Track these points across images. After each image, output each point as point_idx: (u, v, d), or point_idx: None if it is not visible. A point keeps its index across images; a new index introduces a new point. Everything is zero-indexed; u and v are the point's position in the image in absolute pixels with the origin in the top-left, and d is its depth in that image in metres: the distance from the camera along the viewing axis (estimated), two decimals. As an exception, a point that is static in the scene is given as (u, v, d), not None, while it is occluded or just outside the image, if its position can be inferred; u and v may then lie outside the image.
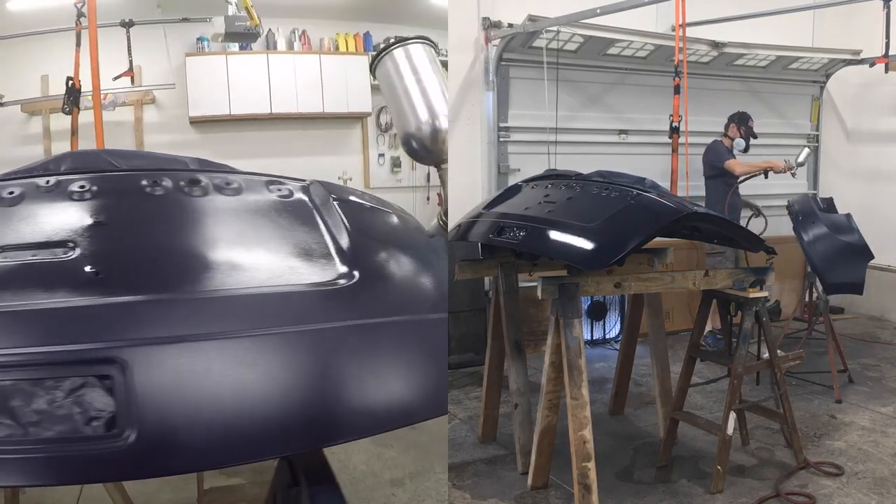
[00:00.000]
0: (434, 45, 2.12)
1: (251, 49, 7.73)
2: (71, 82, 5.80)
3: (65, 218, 1.68)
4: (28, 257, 1.51)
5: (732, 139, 5.68)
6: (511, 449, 3.70)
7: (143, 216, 1.74)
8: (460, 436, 4.07)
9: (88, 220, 1.66)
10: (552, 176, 3.76)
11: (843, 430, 4.05)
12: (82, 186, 1.78)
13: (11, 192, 1.73)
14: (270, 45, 7.54)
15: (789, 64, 6.73)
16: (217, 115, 7.71)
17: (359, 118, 8.20)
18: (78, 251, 1.54)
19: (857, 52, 6.57)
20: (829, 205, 5.24)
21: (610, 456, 3.69)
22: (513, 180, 5.42)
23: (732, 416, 3.34)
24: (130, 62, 7.20)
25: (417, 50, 2.01)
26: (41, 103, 7.38)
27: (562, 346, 3.02)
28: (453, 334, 5.34)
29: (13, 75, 7.08)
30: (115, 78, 7.10)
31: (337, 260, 1.68)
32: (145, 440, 1.22)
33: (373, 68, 2.10)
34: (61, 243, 1.56)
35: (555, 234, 2.97)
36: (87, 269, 1.46)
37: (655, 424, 4.03)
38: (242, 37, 6.08)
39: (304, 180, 2.12)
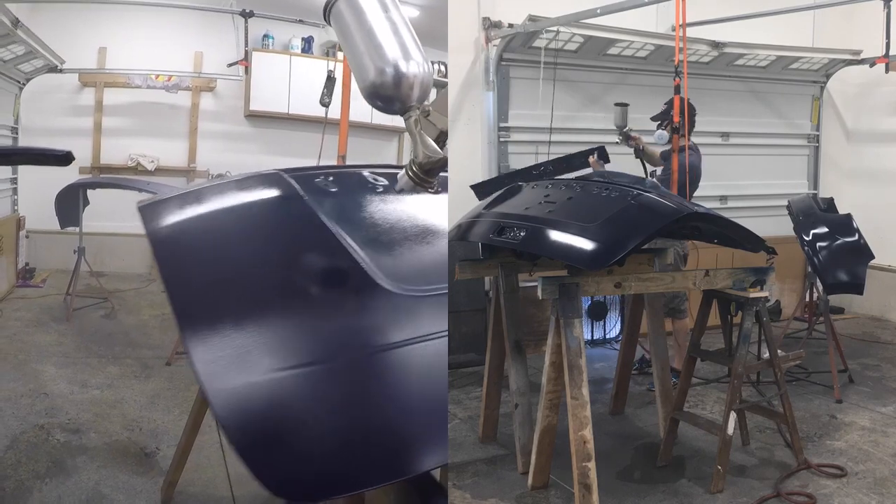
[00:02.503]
0: None
1: (313, 53, 8.01)
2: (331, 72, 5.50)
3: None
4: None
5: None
6: (511, 449, 3.70)
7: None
8: (460, 436, 4.06)
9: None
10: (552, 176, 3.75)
11: (843, 430, 4.05)
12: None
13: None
14: (331, 53, 7.71)
15: (789, 64, 6.72)
16: (276, 111, 7.94)
17: (396, 132, 8.68)
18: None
19: (857, 52, 6.57)
20: (830, 205, 5.24)
21: (610, 456, 3.69)
22: (513, 180, 5.42)
23: (732, 416, 3.34)
24: (247, 52, 7.34)
25: None
26: (97, 76, 7.37)
27: (562, 346, 3.02)
28: (453, 334, 5.33)
29: (70, 44, 7.09)
30: (230, 65, 7.33)
31: None
32: None
33: (328, 12, 1.72)
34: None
35: (555, 234, 2.97)
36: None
37: (655, 424, 4.03)
38: None
39: None
